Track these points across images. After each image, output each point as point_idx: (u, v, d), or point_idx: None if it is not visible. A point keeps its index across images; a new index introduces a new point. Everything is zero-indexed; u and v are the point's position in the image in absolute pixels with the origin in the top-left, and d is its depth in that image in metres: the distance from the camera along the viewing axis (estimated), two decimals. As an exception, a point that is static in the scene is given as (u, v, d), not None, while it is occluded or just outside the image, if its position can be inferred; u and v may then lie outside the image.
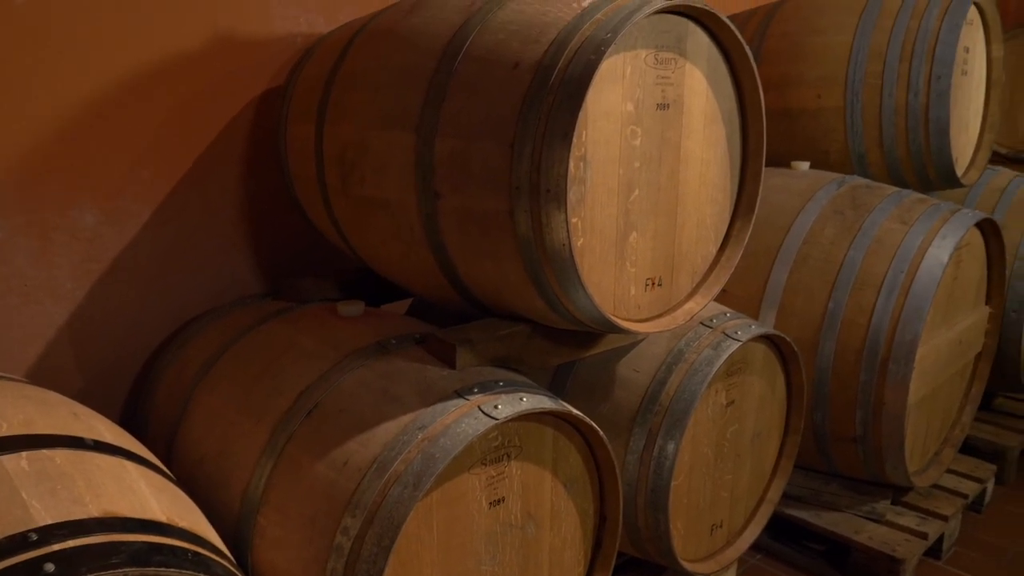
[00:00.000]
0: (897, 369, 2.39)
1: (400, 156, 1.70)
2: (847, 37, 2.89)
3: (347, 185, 1.86)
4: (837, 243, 2.53)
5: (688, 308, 1.85)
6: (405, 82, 1.72)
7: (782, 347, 2.19)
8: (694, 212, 1.82)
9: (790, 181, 2.75)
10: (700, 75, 1.73)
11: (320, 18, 2.38)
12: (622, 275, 1.70)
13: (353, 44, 1.94)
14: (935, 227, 2.49)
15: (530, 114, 1.50)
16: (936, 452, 2.94)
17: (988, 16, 2.99)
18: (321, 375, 1.69)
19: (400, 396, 1.57)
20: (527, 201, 1.49)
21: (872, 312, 2.42)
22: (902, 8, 2.84)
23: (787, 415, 2.35)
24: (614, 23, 1.51)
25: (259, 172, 2.34)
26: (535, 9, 1.62)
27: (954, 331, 2.68)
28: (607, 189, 1.61)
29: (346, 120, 1.86)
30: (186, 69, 2.12)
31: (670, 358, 1.98)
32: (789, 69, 3.00)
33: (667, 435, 1.90)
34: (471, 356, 1.65)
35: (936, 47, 2.73)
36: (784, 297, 2.54)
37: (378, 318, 1.91)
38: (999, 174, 3.47)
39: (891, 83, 2.80)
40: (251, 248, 2.36)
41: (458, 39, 1.67)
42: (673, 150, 1.72)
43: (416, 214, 1.70)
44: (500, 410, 1.48)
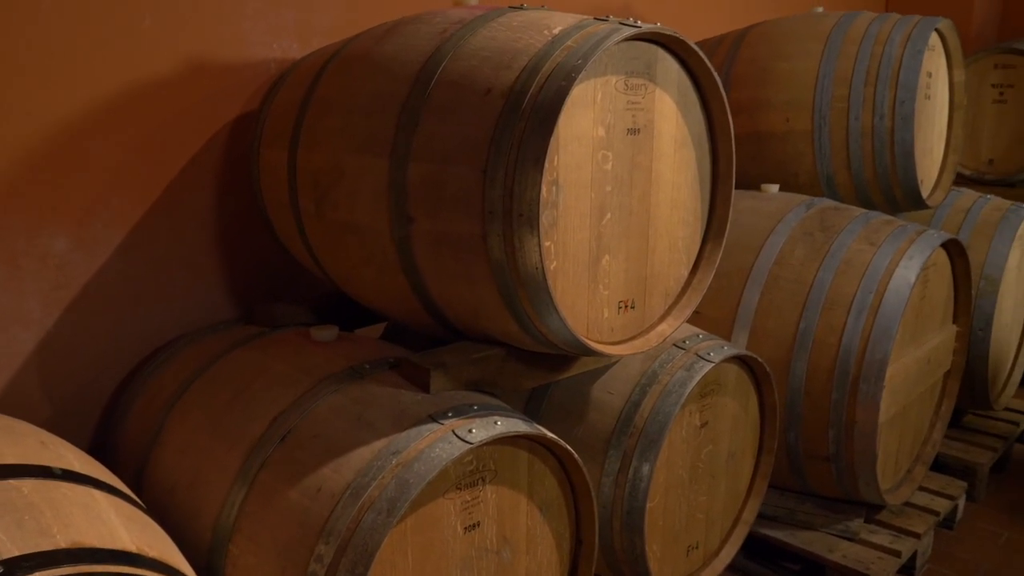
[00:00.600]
0: (868, 388, 2.42)
1: (373, 181, 1.71)
2: (813, 63, 2.95)
3: (321, 210, 1.86)
4: (807, 264, 2.56)
5: (661, 330, 1.87)
6: (378, 108, 1.73)
7: (754, 368, 2.21)
8: (666, 235, 1.84)
9: (760, 203, 2.79)
10: (670, 100, 1.76)
11: (294, 43, 2.38)
12: (595, 298, 1.71)
13: (326, 70, 1.95)
14: (902, 248, 2.54)
15: (502, 139, 1.51)
16: (908, 470, 2.97)
17: (949, 42, 3.07)
18: (294, 401, 1.68)
19: (374, 421, 1.56)
20: (500, 225, 1.50)
21: (842, 332, 2.46)
22: (866, 35, 2.91)
23: (760, 435, 2.36)
24: (585, 50, 1.53)
25: (232, 197, 2.33)
26: (507, 36, 1.64)
27: (923, 350, 2.72)
28: (579, 213, 1.63)
29: (320, 145, 1.86)
30: (158, 94, 2.12)
31: (644, 380, 1.99)
32: (758, 93, 3.05)
33: (642, 457, 1.91)
34: (445, 380, 1.65)
35: (900, 72, 2.80)
36: (756, 318, 2.56)
37: (352, 343, 1.91)
38: (963, 195, 3.54)
39: (857, 107, 2.86)
40: (224, 273, 2.35)
41: (431, 65, 1.68)
42: (644, 174, 1.74)
43: (389, 238, 1.70)
44: (474, 434, 1.48)
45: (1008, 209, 3.40)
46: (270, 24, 2.31)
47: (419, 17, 1.89)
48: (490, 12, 1.78)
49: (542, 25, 1.65)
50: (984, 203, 3.46)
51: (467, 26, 1.72)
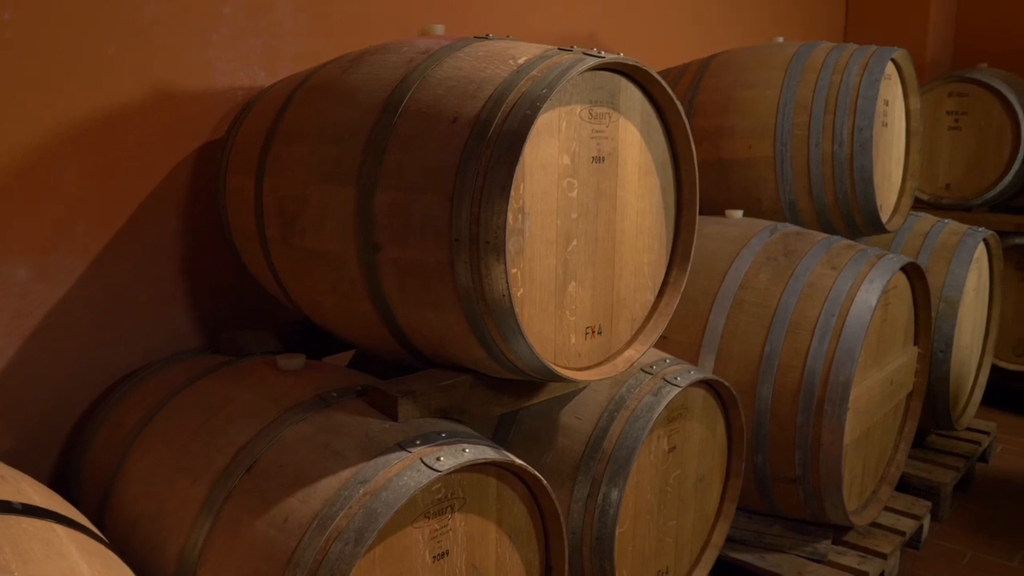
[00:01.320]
0: (832, 410, 2.45)
1: (340, 209, 1.71)
2: (775, 91, 3.01)
3: (287, 237, 1.86)
4: (771, 288, 2.60)
5: (628, 355, 1.88)
6: (345, 136, 1.74)
7: (721, 391, 2.23)
8: (631, 261, 1.86)
9: (725, 229, 2.83)
10: (634, 129, 1.79)
11: (261, 72, 2.39)
12: (562, 324, 1.72)
13: (293, 98, 1.96)
14: (863, 272, 2.59)
15: (469, 168, 1.52)
16: (874, 491, 3.00)
17: (904, 71, 3.15)
18: (260, 430, 1.66)
19: (341, 450, 1.55)
20: (467, 253, 1.51)
21: (807, 355, 2.49)
22: (824, 64, 2.98)
23: (728, 458, 2.38)
24: (549, 79, 1.55)
25: (197, 225, 2.32)
26: (472, 66, 1.66)
27: (885, 371, 2.77)
28: (545, 240, 1.64)
29: (286, 173, 1.86)
30: (123, 122, 2.11)
31: (612, 405, 2.00)
32: (721, 121, 3.11)
33: (611, 482, 1.91)
34: (413, 408, 1.65)
35: (857, 100, 2.87)
36: (722, 342, 2.59)
37: (319, 371, 1.90)
38: (922, 219, 3.62)
39: (817, 134, 2.92)
40: (189, 302, 2.33)
41: (397, 94, 1.69)
42: (609, 201, 1.76)
43: (357, 266, 1.70)
44: (443, 462, 1.48)
45: (965, 233, 3.49)
46: (237, 52, 2.32)
47: (386, 46, 1.90)
48: (456, 42, 1.80)
49: (507, 55, 1.67)
50: (942, 227, 3.54)
51: (433, 56, 1.74)
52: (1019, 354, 4.56)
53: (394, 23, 2.71)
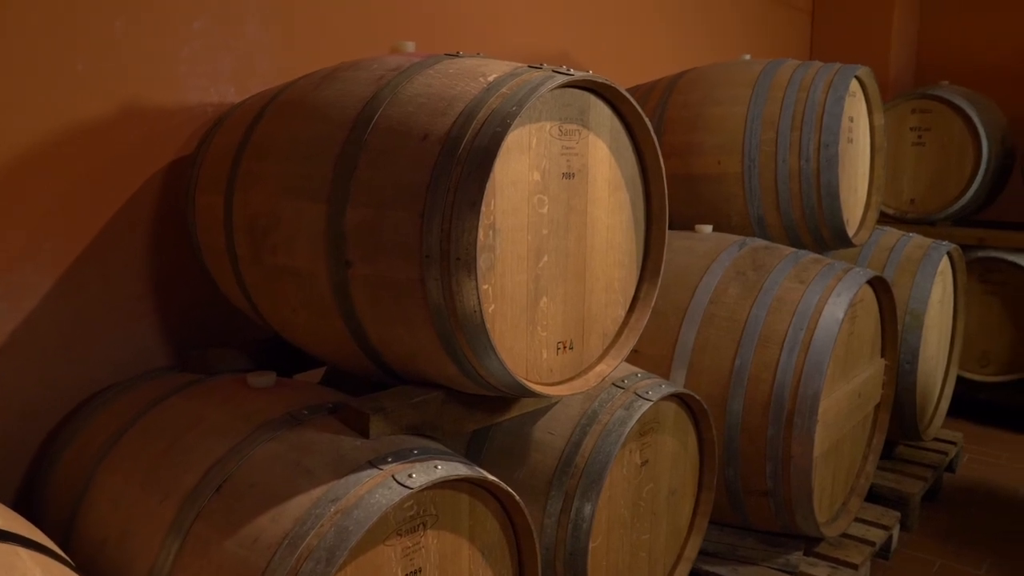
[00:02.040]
0: (802, 422, 2.48)
1: (311, 225, 1.71)
2: (742, 108, 3.06)
3: (257, 255, 1.85)
4: (741, 302, 2.63)
5: (599, 370, 1.89)
6: (316, 152, 1.74)
7: (692, 405, 2.24)
8: (602, 276, 1.87)
9: (694, 244, 2.86)
10: (603, 145, 1.81)
11: (231, 88, 2.38)
12: (534, 339, 1.73)
13: (264, 114, 1.95)
14: (830, 285, 2.62)
15: (439, 184, 1.53)
16: (844, 502, 3.03)
17: (869, 88, 3.22)
18: (230, 449, 1.65)
19: (312, 468, 1.54)
20: (438, 269, 1.52)
21: (776, 368, 2.52)
22: (791, 81, 3.04)
23: (700, 472, 2.39)
24: (519, 97, 1.56)
25: (166, 242, 2.30)
26: (443, 83, 1.67)
27: (853, 384, 2.81)
28: (517, 256, 1.65)
29: (256, 190, 1.86)
30: (92, 139, 2.09)
31: (584, 420, 2.01)
32: (690, 137, 3.15)
33: (583, 497, 1.91)
34: (385, 425, 1.65)
35: (823, 117, 2.92)
36: (693, 355, 2.61)
37: (290, 388, 1.88)
38: (887, 234, 3.69)
39: (784, 150, 2.97)
40: (158, 319, 2.31)
41: (368, 111, 1.70)
42: (580, 217, 1.78)
43: (327, 283, 1.70)
44: (415, 479, 1.47)
45: (929, 247, 3.55)
46: (207, 68, 2.31)
47: (357, 63, 1.91)
48: (427, 59, 1.81)
49: (477, 72, 1.69)
50: (907, 241, 3.60)
51: (404, 73, 1.75)
52: (983, 365, 4.65)
53: (365, 40, 2.72)
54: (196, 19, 2.27)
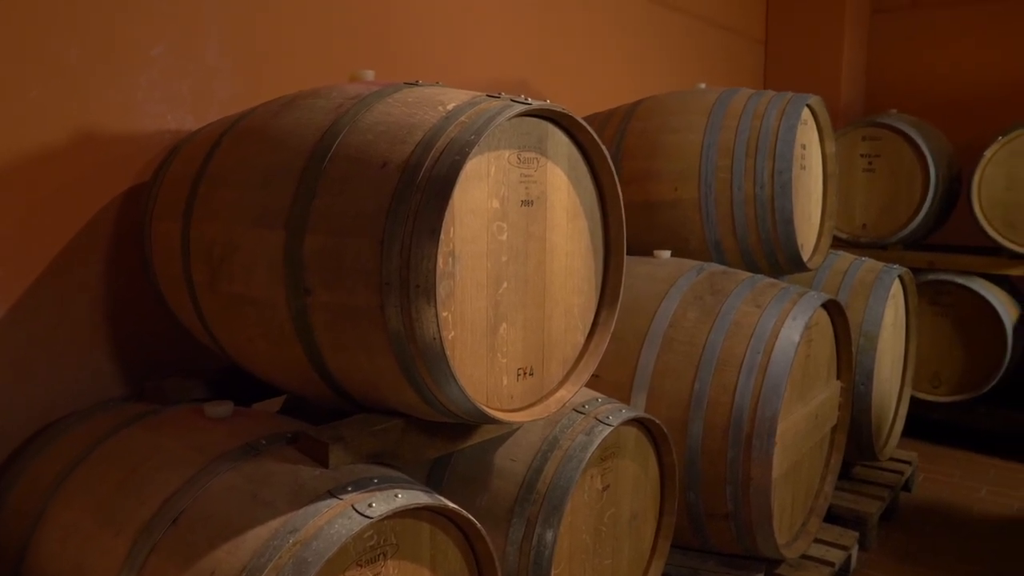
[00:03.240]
0: (761, 445, 2.51)
1: (269, 253, 1.70)
2: (698, 135, 3.12)
3: (215, 283, 1.83)
4: (699, 327, 2.66)
5: (560, 396, 1.90)
6: (275, 180, 1.74)
7: (652, 429, 2.26)
8: (562, 302, 1.89)
9: (653, 269, 2.90)
10: (561, 173, 1.83)
11: (189, 115, 2.37)
12: (494, 366, 1.74)
13: (222, 142, 1.95)
14: (786, 309, 2.67)
15: (399, 212, 1.54)
16: (803, 523, 3.07)
17: (820, 117, 3.30)
18: (187, 480, 1.62)
19: (271, 499, 1.52)
20: (397, 296, 1.52)
21: (735, 391, 2.55)
22: (744, 110, 3.10)
23: (661, 496, 2.41)
24: (478, 125, 1.58)
25: (122, 270, 2.27)
26: (402, 111, 1.68)
27: (810, 406, 2.85)
28: (476, 283, 1.66)
29: (214, 217, 1.84)
30: (46, 166, 2.06)
31: (545, 446, 2.01)
32: (648, 164, 3.19)
33: (545, 523, 1.91)
34: (344, 454, 1.63)
35: (776, 144, 2.99)
36: (653, 380, 2.64)
37: (248, 418, 1.86)
38: (841, 258, 3.77)
39: (739, 177, 3.03)
40: (113, 349, 2.27)
41: (327, 139, 1.70)
42: (539, 244, 1.79)
43: (286, 311, 1.69)
44: (374, 508, 1.46)
45: (881, 270, 3.63)
46: (165, 95, 2.30)
47: (316, 91, 1.91)
48: (386, 88, 1.82)
49: (436, 101, 1.70)
50: (860, 265, 3.68)
51: (363, 101, 1.76)
52: (936, 386, 4.75)
53: (324, 68, 2.73)
54: (154, 46, 2.26)
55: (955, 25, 5.62)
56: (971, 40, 5.57)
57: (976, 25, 5.54)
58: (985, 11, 5.51)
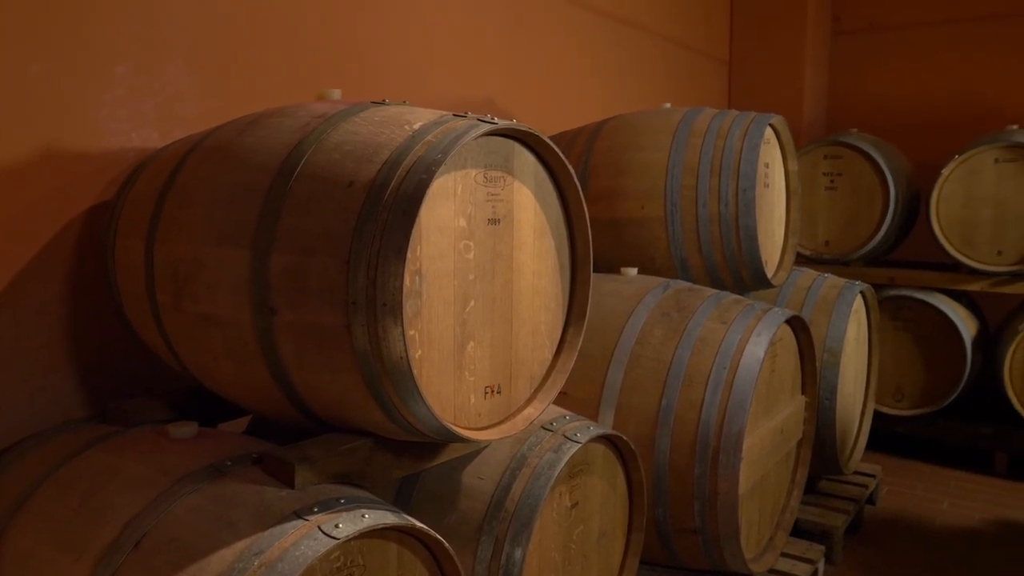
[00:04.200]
0: (727, 460, 2.53)
1: (235, 272, 1.69)
2: (663, 154, 3.16)
3: (179, 302, 1.82)
4: (666, 343, 2.69)
5: (527, 414, 1.91)
6: (240, 199, 1.73)
7: (620, 446, 2.27)
8: (529, 320, 1.90)
9: (620, 286, 2.92)
10: (528, 191, 1.85)
11: (154, 133, 2.35)
12: (461, 384, 1.74)
13: (187, 161, 1.94)
14: (751, 325, 2.71)
15: (365, 230, 1.54)
16: (770, 537, 3.09)
17: (782, 136, 3.36)
18: (150, 503, 1.59)
19: (236, 521, 1.50)
20: (364, 315, 1.52)
21: (701, 407, 2.57)
22: (709, 129, 3.15)
23: (630, 512, 2.41)
24: (444, 144, 1.59)
25: (84, 290, 2.23)
26: (368, 131, 1.69)
27: (776, 421, 2.88)
28: (443, 301, 1.66)
29: (179, 236, 1.83)
30: (6, 183, 2.03)
31: (513, 463, 2.01)
32: (614, 183, 3.23)
33: (514, 542, 1.91)
34: (311, 474, 1.62)
35: (740, 163, 3.04)
36: (621, 396, 2.65)
37: (213, 439, 1.84)
38: (804, 274, 3.83)
39: (704, 195, 3.07)
40: (75, 369, 2.23)
41: (293, 158, 1.70)
42: (506, 262, 1.80)
43: (251, 330, 1.68)
44: (341, 529, 1.45)
45: (844, 286, 3.69)
46: (129, 113, 2.28)
47: (282, 110, 1.91)
48: (352, 107, 1.82)
49: (403, 120, 1.71)
50: (823, 281, 3.74)
51: (329, 120, 1.76)
52: (898, 400, 4.83)
53: (291, 87, 2.73)
54: (118, 64, 2.24)
55: (913, 47, 5.76)
56: (929, 62, 5.71)
57: (933, 47, 5.69)
58: (942, 34, 5.66)
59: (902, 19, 5.80)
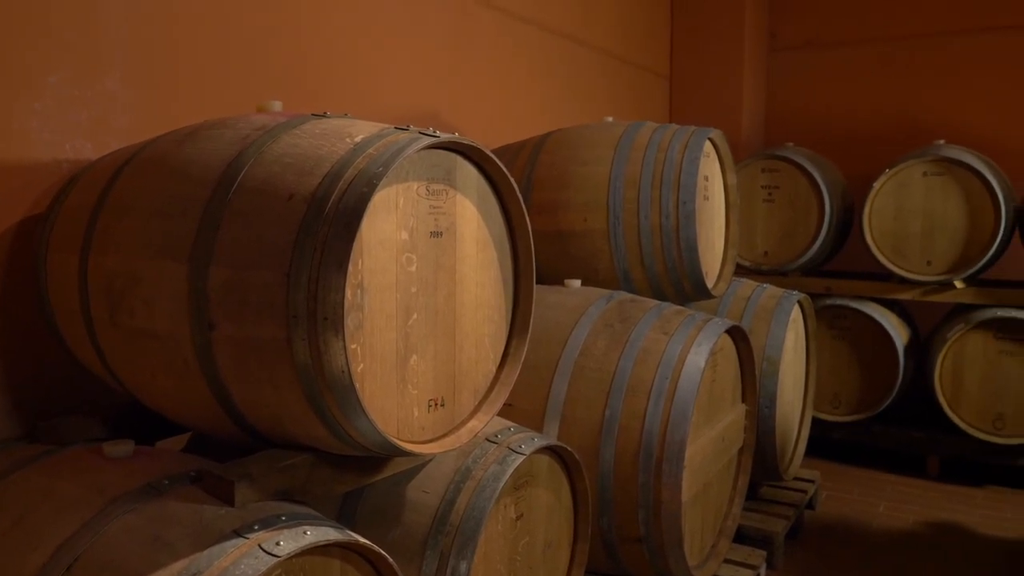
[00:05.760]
0: (670, 469, 2.56)
1: (172, 286, 1.66)
2: (606, 167, 3.20)
3: (115, 317, 1.78)
4: (609, 354, 2.71)
5: (471, 426, 1.91)
6: (178, 212, 1.70)
7: (565, 457, 2.28)
8: (472, 333, 1.90)
9: (564, 298, 2.95)
10: (470, 204, 1.85)
11: (88, 144, 2.30)
12: (404, 398, 1.73)
13: (123, 172, 1.90)
14: (692, 335, 2.75)
15: (306, 244, 1.53)
16: (713, 544, 3.14)
17: (721, 149, 3.43)
18: (83, 525, 1.55)
19: (173, 541, 1.47)
20: (305, 329, 1.50)
21: (644, 417, 2.60)
22: (650, 143, 3.21)
23: (575, 522, 2.43)
24: (385, 157, 1.59)
25: (13, 304, 2.16)
26: (309, 143, 1.68)
27: (717, 429, 2.93)
28: (385, 314, 1.66)
29: (114, 250, 1.79)
30: (-72, 197, 1.97)
31: (458, 477, 2.01)
32: (558, 195, 3.26)
33: (459, 555, 1.91)
34: (251, 492, 1.60)
35: (680, 176, 3.09)
36: (565, 407, 2.67)
37: (150, 457, 1.80)
38: (743, 285, 3.91)
39: (646, 207, 3.12)
40: (4, 388, 2.16)
41: (232, 170, 1.68)
42: (448, 275, 1.81)
43: (190, 345, 1.65)
44: (282, 546, 1.43)
45: (782, 296, 3.78)
46: (62, 123, 2.22)
47: (221, 121, 1.89)
48: (293, 119, 1.81)
49: (344, 133, 1.70)
50: (761, 291, 3.83)
51: (269, 132, 1.75)
52: (835, 406, 4.95)
53: (231, 98, 2.69)
54: (51, 73, 2.19)
55: (846, 64, 5.95)
56: (861, 78, 5.90)
57: (865, 65, 5.88)
58: (873, 52, 5.85)
59: (836, 37, 5.98)
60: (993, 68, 5.48)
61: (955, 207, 4.58)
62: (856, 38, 5.91)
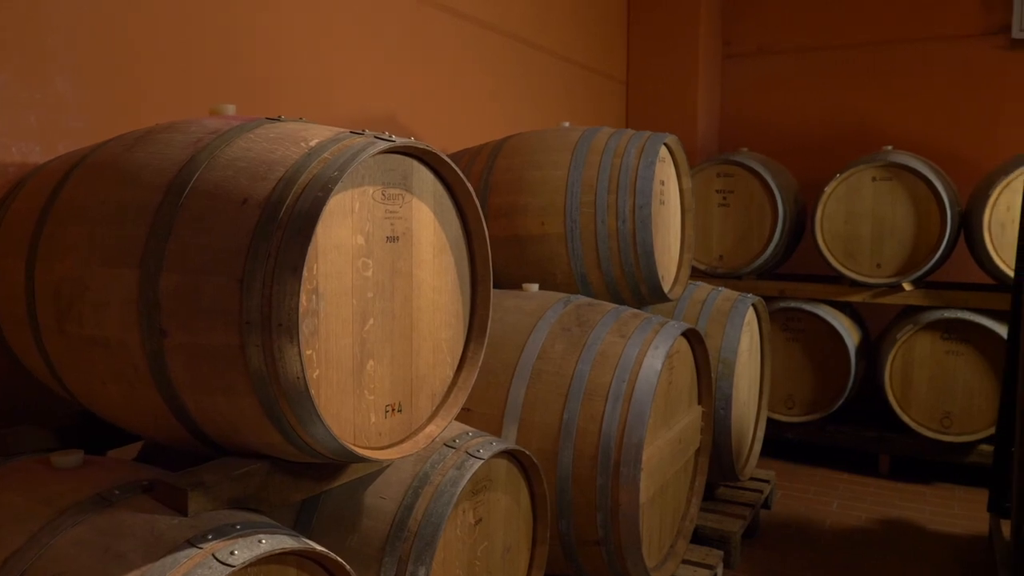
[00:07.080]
0: (627, 471, 2.58)
1: (122, 293, 1.63)
2: (563, 172, 3.22)
3: (63, 325, 1.74)
4: (567, 358, 2.73)
5: (429, 431, 1.90)
6: (128, 217, 1.67)
7: (523, 461, 2.29)
8: (429, 337, 1.90)
9: (522, 302, 2.95)
10: (427, 209, 1.85)
11: (36, 147, 2.25)
12: (361, 403, 1.72)
13: (71, 176, 1.86)
14: (648, 338, 2.78)
15: (259, 249, 1.51)
16: (671, 544, 3.17)
17: (676, 154, 3.48)
18: (30, 537, 1.51)
19: (124, 552, 1.44)
20: (259, 336, 1.49)
21: (602, 420, 2.62)
22: (606, 148, 3.23)
23: (534, 526, 2.43)
24: (340, 162, 1.58)
25: (-43, 313, 2.11)
26: (263, 147, 1.66)
27: (674, 431, 2.96)
28: (341, 320, 1.65)
29: (62, 255, 1.75)
30: None
31: (416, 482, 2.00)
32: (515, 199, 3.27)
33: (417, 561, 1.90)
34: (205, 500, 1.57)
35: (636, 181, 3.13)
36: (524, 411, 2.67)
37: (100, 467, 1.76)
38: (699, 288, 3.96)
39: (603, 212, 3.14)
40: (-54, 398, 2.10)
41: (184, 174, 1.66)
42: (405, 279, 1.80)
43: (141, 353, 1.62)
44: (237, 556, 1.41)
45: (737, 299, 3.84)
46: (8, 125, 2.18)
47: (173, 125, 1.86)
48: (246, 123, 1.79)
49: (299, 137, 1.69)
50: (717, 295, 3.88)
51: (222, 136, 1.73)
52: (789, 407, 5.04)
53: (183, 101, 2.66)
54: (-5, 75, 2.14)
55: (798, 71, 6.06)
56: (812, 85, 6.02)
57: (817, 72, 6.00)
58: (825, 59, 5.98)
59: (787, 44, 6.09)
60: (939, 76, 5.64)
61: (903, 211, 4.70)
62: (807, 46, 6.03)
